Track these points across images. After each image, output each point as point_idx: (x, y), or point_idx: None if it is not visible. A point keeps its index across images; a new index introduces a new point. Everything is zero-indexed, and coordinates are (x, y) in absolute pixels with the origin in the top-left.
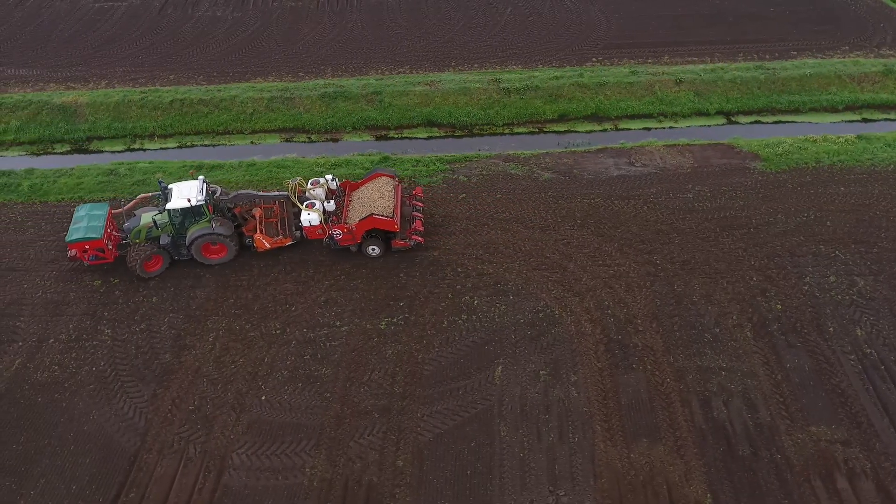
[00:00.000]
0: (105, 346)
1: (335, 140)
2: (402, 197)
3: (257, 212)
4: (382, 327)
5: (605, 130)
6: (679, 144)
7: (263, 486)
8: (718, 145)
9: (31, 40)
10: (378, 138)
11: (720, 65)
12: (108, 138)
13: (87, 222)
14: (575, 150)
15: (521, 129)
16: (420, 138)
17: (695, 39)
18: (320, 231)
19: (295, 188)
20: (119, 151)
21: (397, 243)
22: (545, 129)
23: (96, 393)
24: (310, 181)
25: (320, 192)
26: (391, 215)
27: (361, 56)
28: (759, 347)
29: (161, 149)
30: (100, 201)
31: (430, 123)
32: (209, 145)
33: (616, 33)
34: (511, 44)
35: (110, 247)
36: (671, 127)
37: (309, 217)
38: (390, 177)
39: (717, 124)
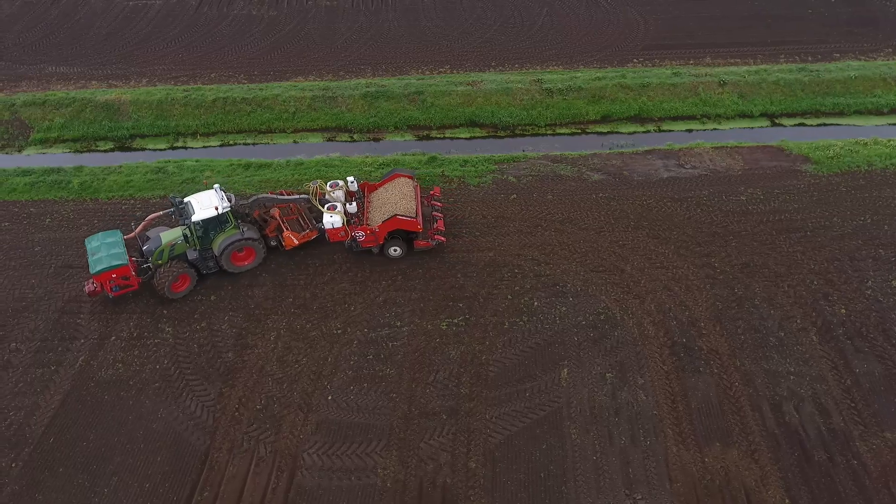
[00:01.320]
0: (167, 344)
1: (377, 139)
2: (420, 197)
3: (275, 212)
4: (444, 328)
5: (648, 132)
6: (728, 146)
7: (337, 487)
8: (767, 147)
9: (69, 38)
10: (420, 138)
11: (763, 66)
12: (151, 136)
13: (106, 251)
14: (623, 152)
15: (563, 130)
16: (462, 138)
17: (734, 41)
18: (343, 233)
19: (315, 191)
20: (162, 150)
21: (419, 243)
22: (588, 130)
23: (162, 391)
24: (328, 183)
25: (340, 194)
26: (414, 215)
27: (400, 55)
28: (826, 352)
29: (204, 147)
30: (111, 229)
31: (472, 123)
32: (252, 144)
33: (654, 34)
34: (550, 44)
35: (133, 272)
36: (715, 129)
37: (332, 219)
38: (409, 177)
39: (761, 126)
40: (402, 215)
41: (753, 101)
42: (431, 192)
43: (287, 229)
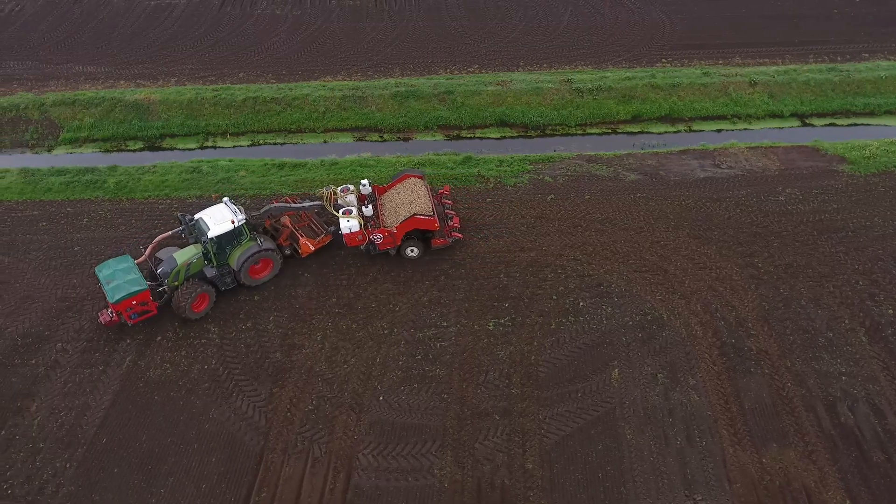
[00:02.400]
0: (213, 344)
1: (407, 139)
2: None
3: (286, 220)
4: (490, 328)
5: (679, 132)
6: (762, 146)
7: (394, 487)
8: (802, 148)
9: (94, 37)
10: (450, 138)
11: (792, 66)
12: (181, 136)
13: (122, 278)
14: (658, 152)
15: (593, 130)
16: (492, 138)
17: (762, 41)
18: (360, 237)
19: (329, 196)
20: (191, 149)
21: (437, 242)
22: (618, 130)
23: (212, 391)
24: (340, 188)
25: (352, 198)
26: (432, 214)
27: (427, 55)
28: (877, 352)
29: (234, 147)
30: (120, 255)
31: (502, 123)
32: (281, 144)
33: (681, 34)
34: (577, 44)
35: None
36: (746, 129)
37: (349, 224)
38: (419, 177)
39: (792, 126)
40: (421, 214)
41: (784, 101)
42: (441, 192)
43: (302, 236)
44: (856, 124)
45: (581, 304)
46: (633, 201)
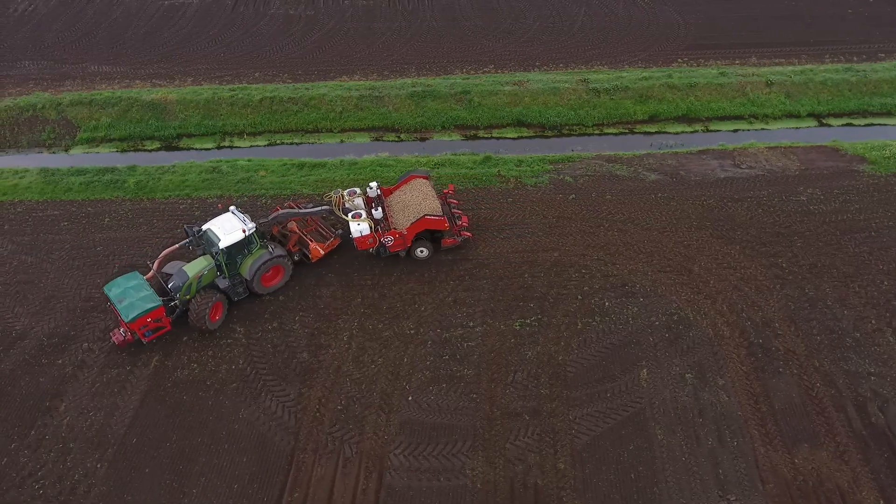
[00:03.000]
0: (240, 344)
1: (424, 139)
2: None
3: (293, 226)
4: (517, 328)
5: (696, 132)
6: (782, 146)
7: (427, 488)
8: (821, 148)
9: (108, 37)
10: (467, 137)
11: (809, 66)
12: (198, 136)
13: (134, 295)
14: (677, 152)
15: (611, 130)
16: (509, 138)
17: (777, 41)
18: (371, 240)
19: (338, 200)
20: (208, 149)
21: (447, 241)
22: (635, 130)
23: (240, 391)
24: (346, 191)
25: (359, 201)
26: (442, 214)
27: (443, 55)
28: None
29: (251, 147)
30: (128, 272)
31: (519, 123)
32: (298, 143)
33: (696, 34)
34: (592, 44)
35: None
36: (763, 129)
37: (359, 227)
38: (424, 177)
39: (809, 126)
40: (431, 215)
41: (800, 101)
42: (445, 191)
43: (312, 241)
44: (873, 124)
45: (607, 304)
46: (655, 201)
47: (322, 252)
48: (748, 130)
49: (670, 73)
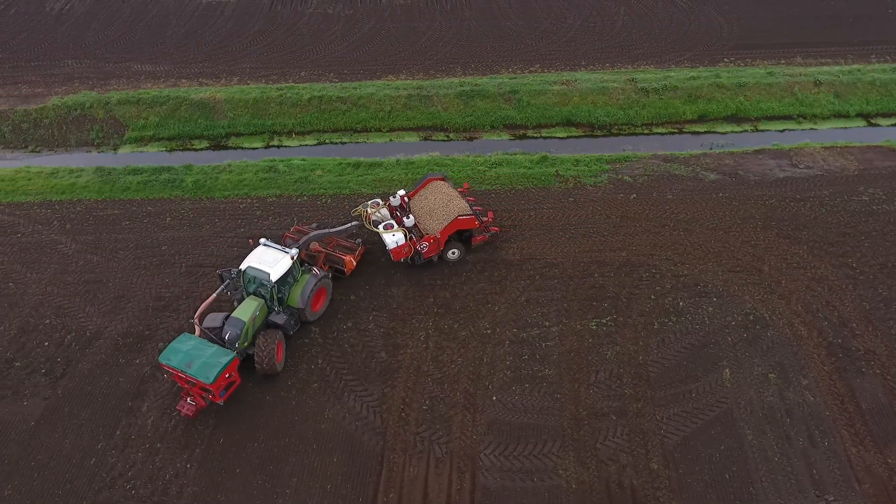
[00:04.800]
0: (317, 343)
1: (472, 139)
2: None
3: (315, 246)
4: (593, 328)
5: (745, 131)
6: (838, 146)
7: (521, 488)
8: (877, 147)
9: (147, 36)
10: (516, 137)
11: (856, 66)
12: (246, 135)
13: (200, 356)
14: (734, 151)
15: (660, 130)
16: (558, 137)
17: (821, 41)
18: (406, 249)
19: (367, 215)
20: (256, 148)
21: (477, 239)
22: (684, 130)
23: (322, 391)
24: (369, 203)
25: (385, 212)
26: (472, 213)
27: (487, 55)
28: None
29: (300, 146)
30: (178, 336)
31: (568, 123)
32: (344, 143)
33: (739, 34)
34: (635, 44)
35: None
36: (811, 129)
37: (395, 238)
38: (442, 179)
39: (858, 126)
40: (464, 215)
41: (849, 100)
42: (459, 190)
43: (345, 255)
44: None
45: (681, 303)
46: (717, 201)
47: (355, 263)
48: (796, 130)
49: (718, 72)
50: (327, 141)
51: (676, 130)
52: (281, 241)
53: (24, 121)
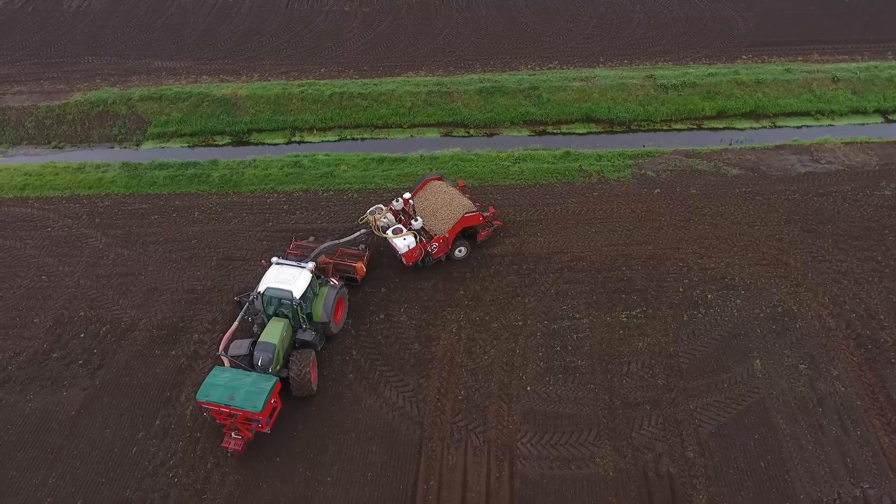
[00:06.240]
0: (350, 335)
1: (492, 135)
2: None
3: (322, 259)
4: (623, 320)
5: (764, 128)
6: (858, 142)
7: (559, 476)
8: None
9: (166, 33)
10: (536, 133)
11: (873, 63)
12: (268, 131)
13: (242, 386)
14: (755, 147)
15: (678, 126)
16: (578, 133)
17: (838, 38)
18: (418, 252)
19: (374, 222)
20: (277, 144)
21: (482, 235)
22: (703, 126)
23: (358, 381)
24: (371, 210)
25: (391, 216)
26: (476, 209)
27: (505, 51)
28: None
29: (322, 141)
30: (217, 366)
31: (587, 119)
32: (368, 139)
33: (756, 31)
34: (652, 41)
35: None
36: (830, 125)
37: (406, 242)
38: (438, 178)
39: (875, 123)
40: (470, 212)
41: (866, 97)
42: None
43: (355, 263)
44: None
45: (709, 296)
46: (740, 195)
47: (364, 269)
48: (814, 126)
49: (737, 69)
50: (348, 137)
51: (695, 127)
52: (283, 257)
53: (48, 117)
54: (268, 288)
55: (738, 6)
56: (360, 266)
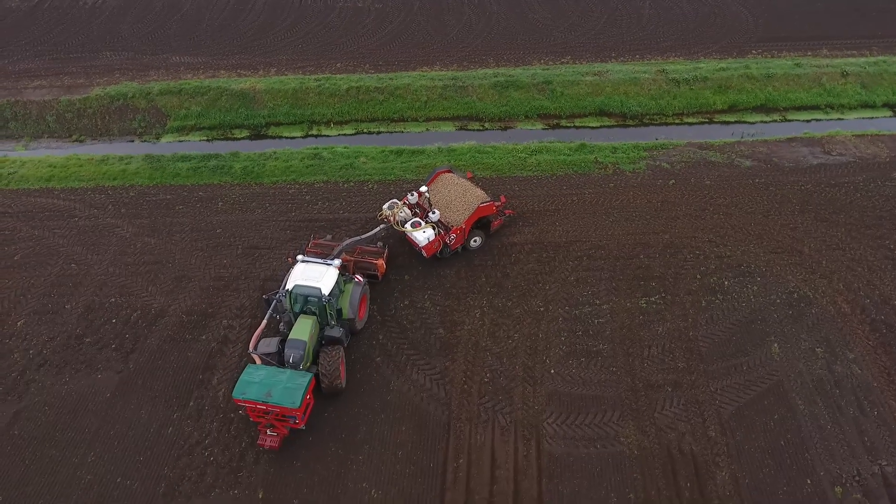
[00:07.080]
0: (375, 320)
1: (506, 128)
2: None
3: (343, 257)
4: (643, 306)
5: (774, 121)
6: (869, 134)
7: (586, 454)
8: None
9: (182, 29)
10: (549, 126)
11: (882, 58)
12: (286, 124)
13: (277, 383)
14: (767, 140)
15: (690, 119)
16: (591, 127)
17: (847, 34)
18: (437, 244)
19: (393, 216)
20: (295, 137)
21: (496, 224)
22: (714, 119)
23: (385, 364)
24: (387, 204)
25: (407, 211)
26: (490, 199)
27: (518, 46)
28: None
29: (339, 135)
30: (251, 364)
31: (600, 112)
32: (379, 132)
33: (765, 26)
34: (663, 36)
35: None
36: (839, 119)
37: (426, 234)
38: (449, 171)
39: (885, 116)
40: (484, 202)
41: (875, 91)
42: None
43: (375, 259)
44: None
45: (726, 283)
46: (754, 186)
47: (385, 266)
48: (823, 120)
49: (748, 63)
50: (365, 130)
51: (707, 120)
52: (304, 254)
53: (68, 111)
54: (296, 285)
55: (747, 2)
56: (381, 263)
